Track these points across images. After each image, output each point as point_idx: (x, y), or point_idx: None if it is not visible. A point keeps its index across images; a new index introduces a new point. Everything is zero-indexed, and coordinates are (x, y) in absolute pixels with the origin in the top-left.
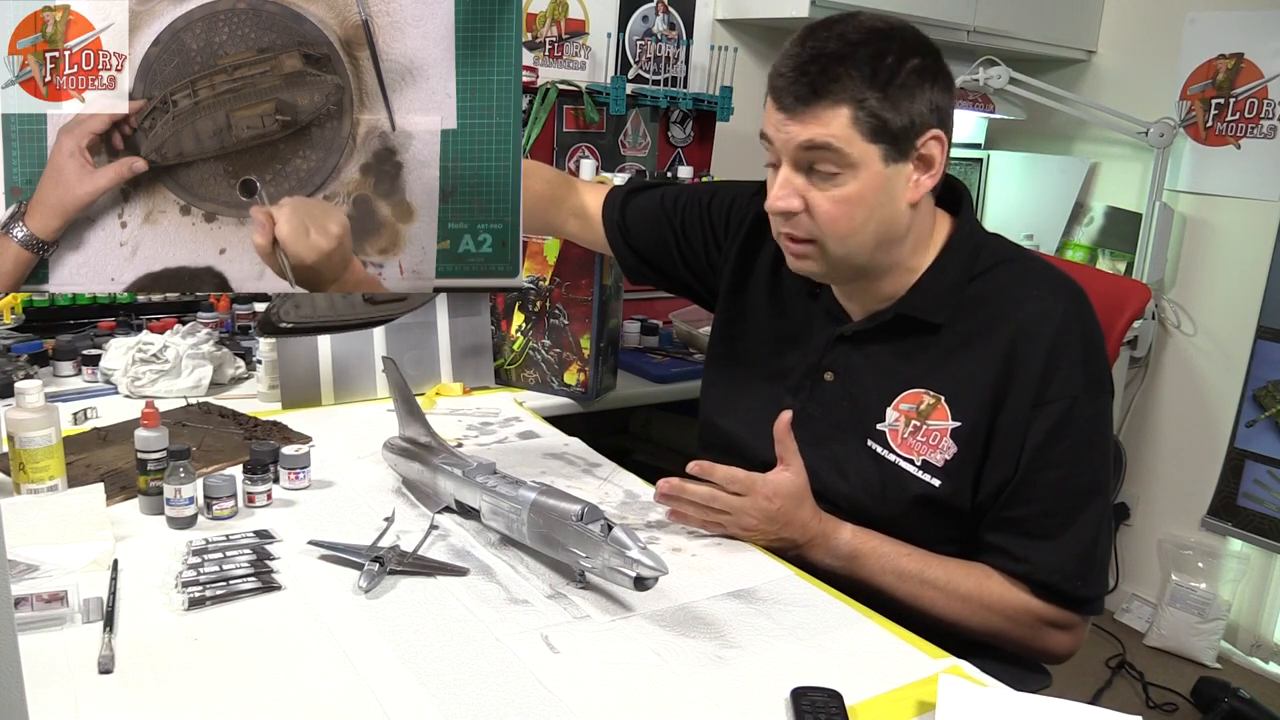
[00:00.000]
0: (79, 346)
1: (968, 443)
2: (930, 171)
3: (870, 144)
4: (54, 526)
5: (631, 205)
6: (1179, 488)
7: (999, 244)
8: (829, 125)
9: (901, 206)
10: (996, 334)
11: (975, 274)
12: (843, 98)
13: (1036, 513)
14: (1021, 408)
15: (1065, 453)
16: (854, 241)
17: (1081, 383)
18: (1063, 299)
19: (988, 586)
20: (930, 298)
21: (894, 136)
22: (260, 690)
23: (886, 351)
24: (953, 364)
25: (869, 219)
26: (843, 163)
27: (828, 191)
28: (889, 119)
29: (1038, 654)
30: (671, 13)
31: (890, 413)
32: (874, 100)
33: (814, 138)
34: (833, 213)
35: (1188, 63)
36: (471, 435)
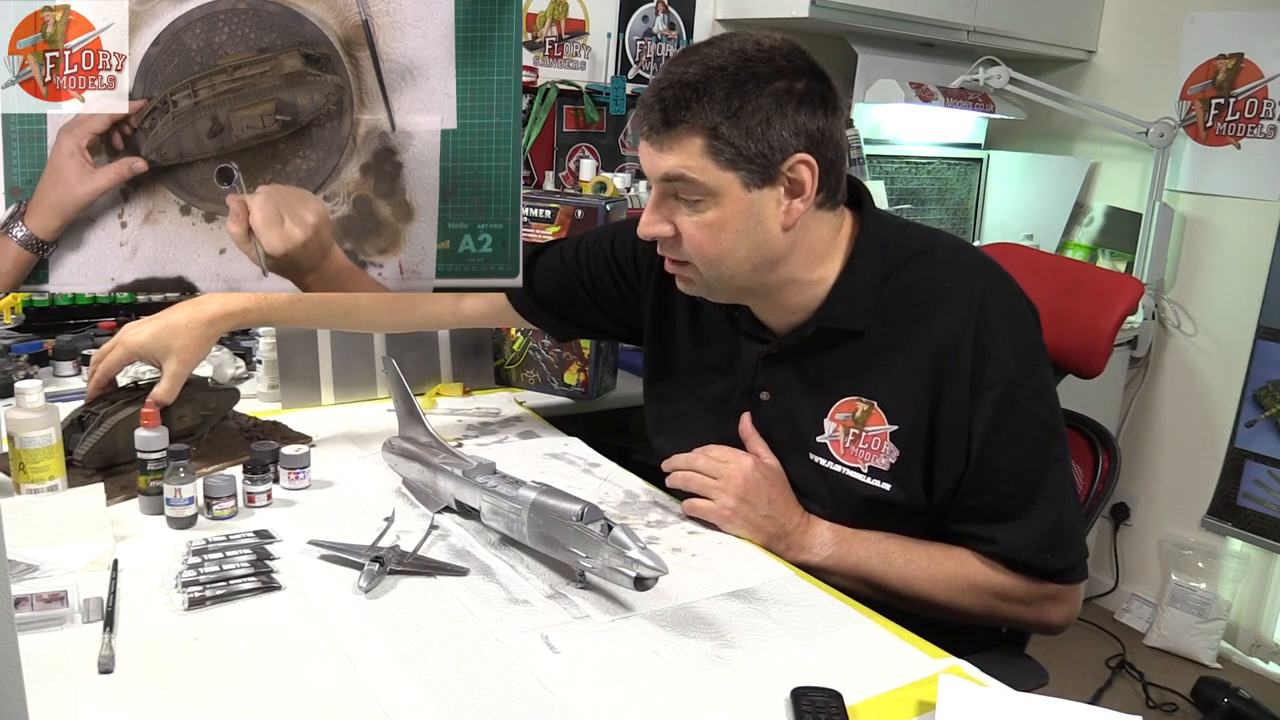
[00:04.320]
0: (79, 346)
1: (909, 444)
2: (802, 195)
3: (726, 171)
4: (54, 526)
5: (535, 269)
6: (1179, 488)
7: (906, 237)
8: (683, 154)
9: (774, 230)
10: (920, 332)
11: (888, 273)
12: (695, 126)
13: (997, 498)
14: (959, 400)
15: (1013, 434)
16: (725, 265)
17: (1014, 360)
18: (980, 283)
19: (970, 566)
20: (845, 306)
21: (751, 162)
22: (260, 690)
23: (814, 364)
24: (881, 368)
25: (736, 243)
26: (702, 190)
27: (692, 217)
28: (741, 146)
29: (1037, 627)
30: (671, 13)
31: (828, 424)
32: (725, 127)
33: (670, 169)
34: (698, 238)
35: (1188, 63)
36: (471, 435)
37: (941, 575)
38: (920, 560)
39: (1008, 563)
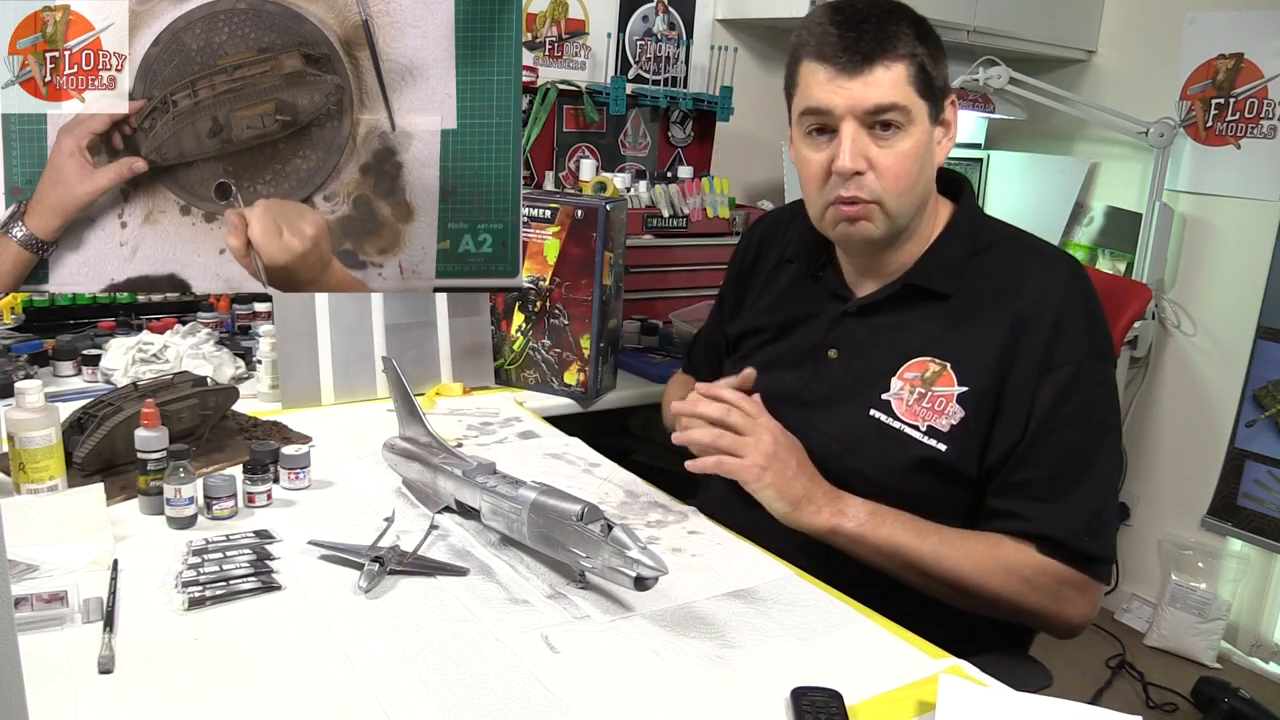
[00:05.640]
0: (79, 346)
1: (975, 408)
2: (949, 135)
3: (922, 100)
4: (54, 526)
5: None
6: (1179, 488)
7: (998, 225)
8: (892, 84)
9: (934, 167)
10: (1001, 304)
11: (978, 250)
12: (902, 53)
13: (1044, 476)
14: (1029, 373)
15: (1072, 416)
16: (908, 199)
17: (1086, 349)
18: (1064, 271)
19: (1003, 547)
20: (938, 268)
21: (935, 95)
22: (260, 690)
23: (892, 323)
24: (959, 332)
25: (919, 176)
26: (904, 118)
27: (888, 149)
28: (934, 76)
29: (1057, 622)
30: (671, 13)
31: (895, 382)
32: (924, 57)
33: (881, 99)
34: (896, 168)
35: (1188, 63)
36: (471, 435)
37: (974, 554)
38: (953, 539)
39: (1042, 543)
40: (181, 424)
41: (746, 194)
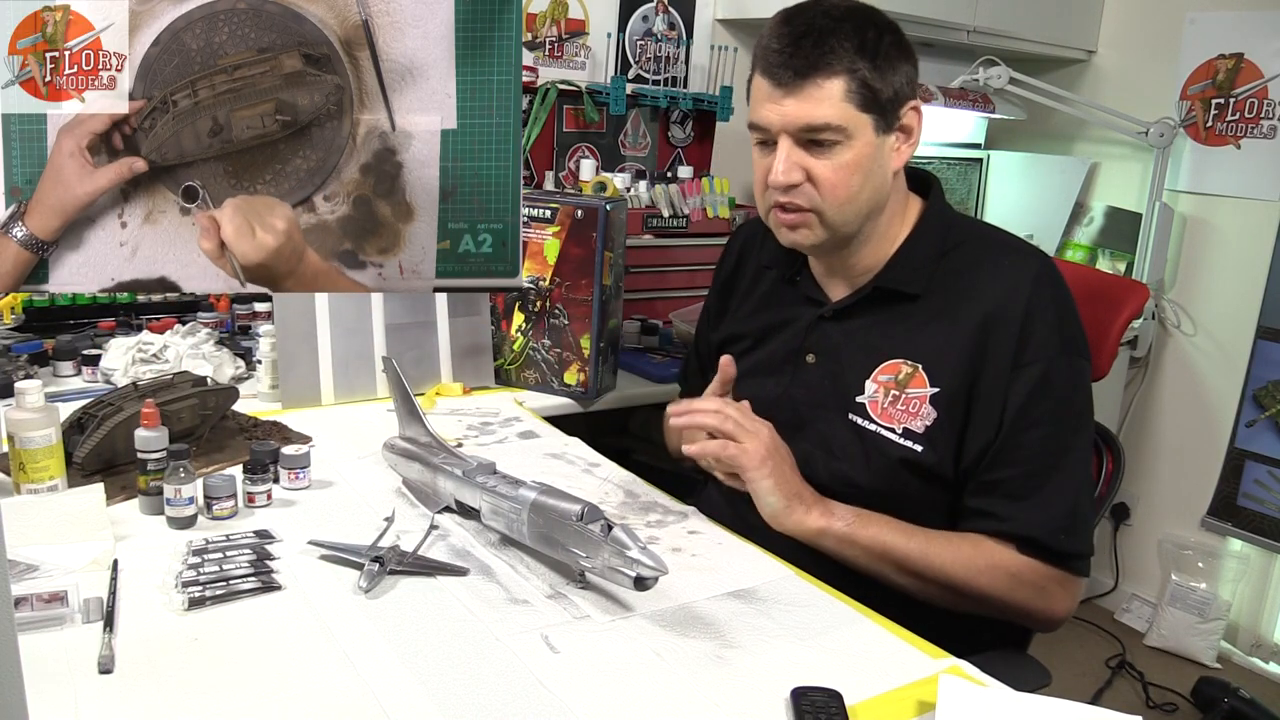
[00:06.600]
0: (79, 346)
1: (947, 408)
2: (910, 141)
3: (862, 114)
4: (54, 526)
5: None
6: (1179, 488)
7: (968, 222)
8: (827, 100)
9: (888, 175)
10: (970, 303)
11: (947, 249)
12: (838, 69)
13: (1019, 474)
14: (1000, 371)
15: (1045, 413)
16: (850, 209)
17: (1057, 344)
18: (1033, 266)
19: (986, 547)
20: (907, 270)
21: (882, 107)
22: (260, 690)
23: (865, 326)
24: (929, 333)
25: (864, 185)
26: (841, 134)
27: (826, 161)
28: (878, 89)
29: (1043, 616)
30: (671, 13)
31: (869, 385)
32: (865, 71)
33: (815, 118)
34: (833, 179)
35: (1188, 63)
36: (471, 435)
37: (961, 553)
38: (938, 539)
39: (1020, 542)
40: (181, 424)
41: (746, 194)
